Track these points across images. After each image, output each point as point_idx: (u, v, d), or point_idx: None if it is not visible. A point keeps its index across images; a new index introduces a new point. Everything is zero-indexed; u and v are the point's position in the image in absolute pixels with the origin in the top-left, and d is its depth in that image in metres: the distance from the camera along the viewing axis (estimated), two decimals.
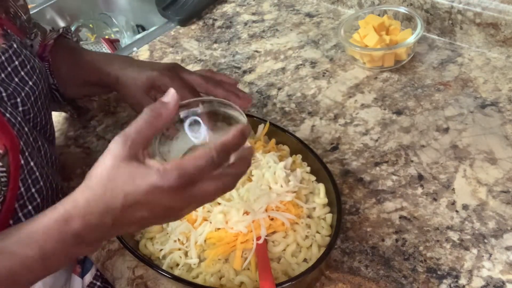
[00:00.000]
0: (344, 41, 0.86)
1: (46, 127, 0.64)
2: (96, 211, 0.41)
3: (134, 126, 0.43)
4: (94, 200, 0.41)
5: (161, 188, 0.40)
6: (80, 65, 0.73)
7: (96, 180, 0.42)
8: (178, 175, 0.40)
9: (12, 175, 0.51)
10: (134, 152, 0.42)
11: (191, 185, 0.41)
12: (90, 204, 0.41)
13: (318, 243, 0.58)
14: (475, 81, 0.81)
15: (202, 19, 1.07)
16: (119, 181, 0.41)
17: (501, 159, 0.68)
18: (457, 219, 0.63)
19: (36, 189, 0.55)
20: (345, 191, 0.68)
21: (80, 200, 0.42)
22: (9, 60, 0.58)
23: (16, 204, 0.52)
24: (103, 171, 0.42)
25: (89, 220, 0.41)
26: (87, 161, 0.78)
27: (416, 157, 0.71)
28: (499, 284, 0.56)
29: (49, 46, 0.73)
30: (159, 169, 0.40)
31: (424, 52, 0.88)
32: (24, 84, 0.59)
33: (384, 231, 0.62)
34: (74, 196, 0.42)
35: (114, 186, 0.41)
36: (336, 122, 0.78)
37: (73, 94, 0.78)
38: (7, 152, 0.50)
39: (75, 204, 0.42)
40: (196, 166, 0.41)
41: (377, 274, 0.58)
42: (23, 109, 0.57)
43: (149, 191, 0.40)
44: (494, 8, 0.81)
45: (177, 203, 0.42)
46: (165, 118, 0.44)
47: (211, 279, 0.56)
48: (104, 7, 1.34)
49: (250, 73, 0.90)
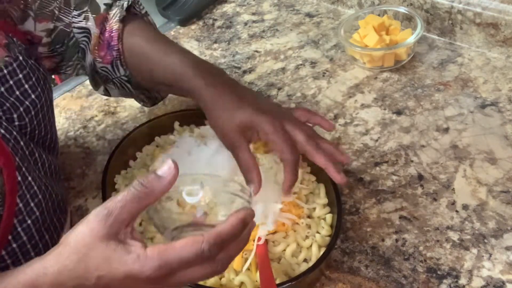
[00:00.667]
0: (344, 41, 0.86)
1: (46, 137, 0.60)
2: (65, 285, 0.38)
3: (120, 199, 0.38)
4: (64, 274, 0.38)
5: (138, 277, 0.37)
6: (161, 65, 0.62)
7: (69, 252, 0.38)
8: (159, 266, 0.37)
9: (8, 193, 0.49)
10: (114, 230, 0.38)
11: (171, 275, 0.38)
12: (60, 276, 0.38)
13: (318, 243, 0.58)
14: (475, 81, 0.81)
15: (202, 19, 1.07)
16: (93, 261, 0.37)
17: (501, 159, 0.68)
18: (457, 219, 0.63)
19: (34, 203, 0.53)
20: (345, 191, 0.68)
21: (50, 270, 0.38)
22: (12, 74, 0.54)
23: (15, 220, 0.50)
24: (78, 245, 0.38)
25: None
26: (87, 161, 0.78)
27: (416, 157, 0.71)
28: (499, 284, 0.56)
29: (116, 34, 0.63)
30: (139, 256, 0.37)
31: (424, 52, 0.88)
32: (25, 98, 0.55)
33: (384, 231, 0.62)
34: (44, 263, 0.39)
35: (87, 265, 0.38)
36: (336, 122, 0.78)
37: (149, 86, 0.69)
38: (1, 171, 0.48)
39: (45, 272, 0.38)
40: (181, 259, 0.37)
41: (377, 274, 0.58)
42: (19, 124, 0.54)
43: (126, 278, 0.37)
44: (494, 8, 0.81)
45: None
46: (158, 194, 0.39)
47: (211, 279, 0.56)
48: None
49: (250, 73, 0.90)
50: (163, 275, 0.37)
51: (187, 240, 0.38)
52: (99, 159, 0.78)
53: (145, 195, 0.39)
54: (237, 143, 0.57)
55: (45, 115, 0.59)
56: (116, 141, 0.76)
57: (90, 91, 0.90)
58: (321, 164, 0.57)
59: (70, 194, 0.73)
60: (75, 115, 0.87)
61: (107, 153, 0.77)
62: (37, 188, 0.54)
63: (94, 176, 0.75)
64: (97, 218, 0.38)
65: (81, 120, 0.86)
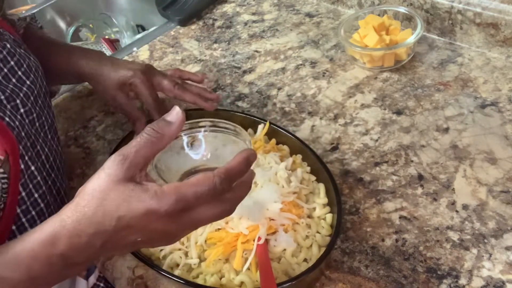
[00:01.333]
0: (344, 41, 0.86)
1: (52, 127, 0.63)
2: (85, 233, 0.39)
3: (134, 145, 0.41)
4: (83, 222, 0.39)
5: (157, 213, 0.39)
6: (54, 56, 0.75)
7: (88, 200, 0.40)
8: (175, 200, 0.39)
9: (12, 180, 0.50)
10: (131, 173, 0.40)
11: (188, 211, 0.40)
12: (79, 225, 0.39)
13: (318, 243, 0.58)
14: (475, 81, 0.81)
15: (202, 19, 1.07)
16: (112, 203, 0.39)
17: (501, 159, 0.68)
18: (457, 219, 0.63)
19: (39, 194, 0.54)
20: (345, 191, 0.68)
21: (68, 221, 0.40)
22: (4, 61, 0.57)
23: (18, 209, 0.51)
24: (95, 192, 0.40)
25: (77, 242, 0.40)
26: (87, 161, 0.78)
27: (416, 157, 0.71)
28: (499, 284, 0.56)
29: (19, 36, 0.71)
30: (156, 192, 0.39)
31: (424, 52, 0.88)
32: (22, 84, 0.58)
33: (384, 231, 0.62)
34: (62, 215, 0.40)
35: (107, 208, 0.39)
36: (336, 122, 0.78)
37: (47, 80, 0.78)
38: (8, 157, 0.49)
39: (63, 225, 0.40)
40: (195, 193, 0.39)
41: (377, 274, 0.58)
42: (25, 110, 0.56)
43: (145, 215, 0.39)
44: (494, 8, 0.81)
45: (172, 228, 0.41)
46: (168, 139, 0.42)
47: (211, 279, 0.56)
48: (104, 7, 1.34)
49: (250, 73, 0.90)
50: (179, 209, 0.39)
51: (199, 176, 0.40)
52: (99, 159, 0.78)
53: (157, 139, 0.41)
54: (118, 96, 0.72)
55: (44, 102, 0.61)
56: (116, 141, 0.76)
57: (90, 91, 0.90)
58: (190, 100, 0.73)
59: (70, 194, 0.73)
60: (75, 115, 0.87)
61: (107, 153, 0.77)
62: (41, 179, 0.54)
63: None
64: (113, 164, 0.40)
65: (81, 120, 0.86)
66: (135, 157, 0.40)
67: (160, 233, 0.41)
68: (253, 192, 0.60)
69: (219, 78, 0.90)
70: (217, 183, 0.40)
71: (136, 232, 0.40)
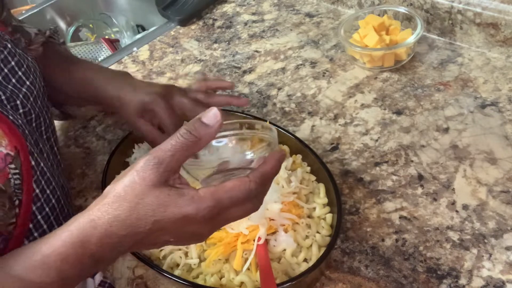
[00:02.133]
0: (344, 41, 0.86)
1: (50, 127, 0.62)
2: (116, 235, 0.39)
3: (170, 148, 0.40)
4: (115, 224, 0.39)
5: (194, 218, 0.39)
6: (76, 79, 0.71)
7: (120, 202, 0.39)
8: (212, 206, 0.39)
9: (25, 177, 0.50)
10: (165, 178, 0.40)
11: (221, 214, 0.40)
12: (111, 227, 0.39)
13: (318, 243, 0.58)
14: (475, 81, 0.81)
15: (202, 19, 1.07)
16: (148, 208, 0.39)
17: (501, 159, 0.68)
18: (457, 219, 0.63)
19: (50, 190, 0.54)
20: (345, 191, 0.68)
21: (99, 222, 0.39)
22: (5, 61, 0.56)
23: (33, 207, 0.51)
24: (128, 195, 0.39)
25: (108, 243, 0.40)
26: (87, 161, 0.78)
27: (416, 157, 0.71)
28: (499, 284, 0.56)
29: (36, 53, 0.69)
30: (193, 197, 0.39)
31: (424, 52, 0.88)
32: (22, 85, 0.58)
33: (384, 231, 0.62)
34: (91, 216, 0.40)
35: (141, 212, 0.39)
36: (336, 122, 0.78)
37: (63, 102, 0.76)
38: (18, 153, 0.49)
39: (93, 225, 0.39)
40: (231, 198, 0.40)
41: (377, 274, 0.58)
42: (24, 111, 0.56)
43: (181, 219, 0.39)
44: (494, 8, 0.81)
45: (205, 229, 0.41)
46: (205, 142, 0.41)
47: (211, 279, 0.56)
48: (104, 7, 1.34)
49: (250, 73, 0.90)
50: (215, 214, 0.40)
51: (235, 181, 0.40)
52: (99, 159, 0.78)
53: (193, 143, 0.40)
54: (138, 124, 0.67)
55: (43, 103, 0.61)
56: (116, 141, 0.76)
57: None
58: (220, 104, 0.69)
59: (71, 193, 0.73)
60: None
61: (107, 153, 0.77)
62: (50, 175, 0.54)
63: (94, 176, 0.75)
64: (148, 168, 0.39)
65: (81, 120, 0.86)
66: (170, 161, 0.40)
67: (192, 234, 0.41)
68: None
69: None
70: (253, 189, 0.40)
71: (170, 233, 0.40)
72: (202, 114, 0.41)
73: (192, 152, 0.41)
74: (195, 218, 0.39)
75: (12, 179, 0.48)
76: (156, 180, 0.39)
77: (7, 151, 0.48)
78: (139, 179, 0.39)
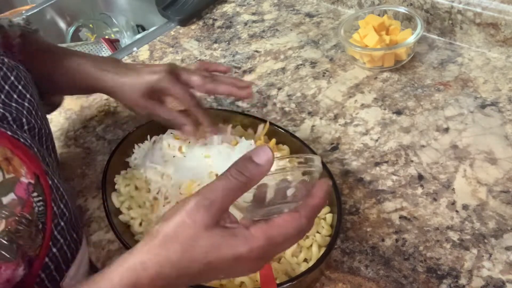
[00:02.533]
0: (344, 41, 0.86)
1: (49, 137, 0.61)
2: (168, 276, 0.39)
3: (222, 189, 0.39)
4: (167, 266, 0.39)
5: (247, 258, 0.39)
6: (65, 69, 0.68)
7: (172, 244, 0.39)
8: (265, 245, 0.39)
9: (47, 201, 0.49)
10: (218, 218, 0.39)
11: (273, 250, 0.41)
12: (161, 268, 0.38)
13: (318, 243, 0.58)
14: (475, 81, 0.81)
15: (202, 19, 1.07)
16: (201, 250, 0.38)
17: (501, 159, 0.68)
18: (457, 219, 0.63)
19: (63, 204, 0.53)
20: (345, 191, 0.68)
21: (149, 264, 0.39)
22: (5, 78, 0.54)
23: (52, 224, 0.50)
24: (181, 237, 0.38)
25: (159, 284, 0.39)
26: (87, 161, 0.78)
27: (416, 157, 0.71)
28: (499, 284, 0.56)
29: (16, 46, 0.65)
30: (246, 238, 0.39)
31: (424, 52, 0.88)
32: (23, 100, 0.55)
33: (384, 231, 0.62)
34: (141, 258, 0.39)
35: (194, 255, 0.39)
36: (336, 122, 0.78)
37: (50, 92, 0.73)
38: (38, 179, 0.48)
39: (144, 267, 0.38)
40: (285, 235, 0.40)
41: (377, 274, 0.58)
42: (29, 127, 0.55)
43: (234, 260, 0.39)
44: (494, 8, 0.81)
45: (258, 265, 0.42)
46: (256, 182, 0.40)
47: None
48: (104, 7, 1.34)
49: (250, 73, 0.90)
50: (267, 251, 0.40)
51: (286, 216, 0.40)
52: (99, 159, 0.78)
53: (245, 185, 0.40)
54: (147, 104, 0.66)
55: (42, 114, 0.59)
56: (116, 141, 0.76)
57: None
58: (225, 91, 0.67)
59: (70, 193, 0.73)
60: (75, 115, 0.87)
61: (107, 153, 0.77)
62: (63, 189, 0.54)
63: (94, 176, 0.75)
64: (200, 210, 0.39)
65: (81, 120, 0.86)
66: (222, 202, 0.39)
67: (243, 270, 0.42)
68: None
69: None
70: (304, 224, 0.40)
71: (222, 272, 0.40)
72: (253, 153, 0.40)
73: (243, 192, 0.40)
74: (249, 257, 0.39)
75: (36, 206, 0.48)
76: (209, 222, 0.39)
77: (28, 180, 0.47)
78: (191, 221, 0.39)
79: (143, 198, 0.64)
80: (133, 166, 0.69)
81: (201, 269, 0.39)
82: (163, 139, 0.69)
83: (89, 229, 0.68)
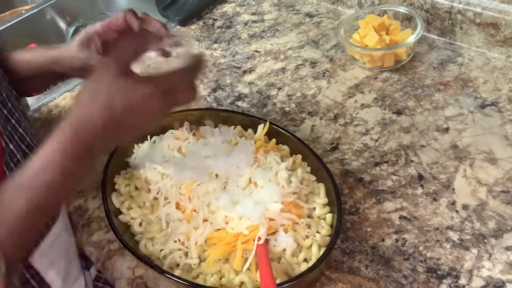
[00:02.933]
0: (344, 41, 0.86)
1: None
2: (100, 120, 0.45)
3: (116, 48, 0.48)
4: (97, 111, 0.45)
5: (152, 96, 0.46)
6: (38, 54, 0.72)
7: (95, 94, 0.46)
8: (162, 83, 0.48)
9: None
10: (125, 68, 0.47)
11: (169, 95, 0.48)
12: (93, 116, 0.45)
13: (318, 243, 0.58)
14: (475, 81, 0.81)
15: (202, 19, 1.07)
16: (120, 91, 0.46)
17: (501, 159, 0.68)
18: (457, 219, 0.63)
19: None
20: (345, 191, 0.68)
21: (84, 116, 0.45)
22: None
23: None
24: (100, 86, 0.46)
25: (95, 130, 0.45)
26: None
27: (416, 157, 0.71)
28: (499, 284, 0.56)
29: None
30: (147, 80, 0.47)
31: (424, 52, 0.88)
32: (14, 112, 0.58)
33: (384, 231, 0.62)
34: (75, 114, 0.46)
35: (115, 96, 0.45)
36: (336, 122, 0.78)
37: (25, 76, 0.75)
38: None
39: (79, 120, 0.45)
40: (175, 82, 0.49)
41: (377, 274, 0.58)
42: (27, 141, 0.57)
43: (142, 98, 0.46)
44: (494, 8, 0.81)
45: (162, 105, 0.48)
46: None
47: (211, 279, 0.56)
48: (104, 7, 1.34)
49: (250, 73, 0.90)
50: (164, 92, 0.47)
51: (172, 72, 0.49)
52: (99, 159, 0.78)
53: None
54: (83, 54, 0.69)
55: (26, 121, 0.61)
56: None
57: None
58: None
59: None
60: None
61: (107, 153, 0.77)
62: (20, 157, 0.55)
63: (94, 176, 0.75)
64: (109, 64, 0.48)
65: None
66: (121, 53, 0.48)
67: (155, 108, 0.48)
68: (253, 192, 0.60)
69: (219, 78, 0.90)
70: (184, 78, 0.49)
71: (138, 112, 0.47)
72: None
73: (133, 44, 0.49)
74: (154, 96, 0.46)
75: None
76: (118, 70, 0.47)
77: None
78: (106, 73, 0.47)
79: (143, 198, 0.64)
80: (133, 166, 0.69)
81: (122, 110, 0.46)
82: (163, 139, 0.69)
83: (89, 229, 0.68)
